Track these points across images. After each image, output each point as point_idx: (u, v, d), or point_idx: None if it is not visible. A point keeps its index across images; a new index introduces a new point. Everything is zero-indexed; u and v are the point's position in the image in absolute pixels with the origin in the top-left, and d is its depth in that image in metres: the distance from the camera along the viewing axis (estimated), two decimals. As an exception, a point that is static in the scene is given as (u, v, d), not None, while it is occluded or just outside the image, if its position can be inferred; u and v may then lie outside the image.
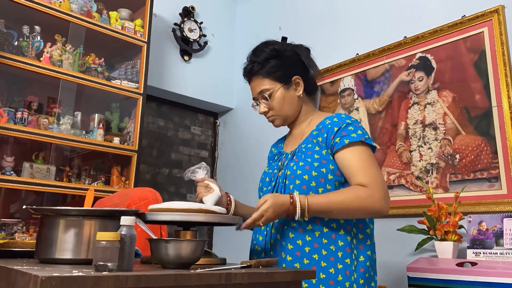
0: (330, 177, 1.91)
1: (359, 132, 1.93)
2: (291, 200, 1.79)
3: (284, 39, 2.23)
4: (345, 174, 1.91)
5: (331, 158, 1.93)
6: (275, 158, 2.21)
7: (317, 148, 1.96)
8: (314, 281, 1.82)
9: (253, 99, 2.17)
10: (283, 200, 1.79)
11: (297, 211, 1.79)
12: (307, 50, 2.21)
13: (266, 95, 2.08)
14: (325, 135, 1.97)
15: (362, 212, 1.86)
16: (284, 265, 1.90)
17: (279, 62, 2.10)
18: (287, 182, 1.96)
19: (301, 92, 2.12)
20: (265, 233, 2.00)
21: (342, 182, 1.94)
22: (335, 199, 1.83)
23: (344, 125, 1.94)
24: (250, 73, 2.14)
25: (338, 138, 1.91)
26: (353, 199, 1.82)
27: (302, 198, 1.80)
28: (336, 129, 1.94)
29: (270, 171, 2.14)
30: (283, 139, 2.32)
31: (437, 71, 3.27)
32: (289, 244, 1.91)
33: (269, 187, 2.07)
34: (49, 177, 3.43)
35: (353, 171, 1.87)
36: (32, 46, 3.43)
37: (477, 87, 3.04)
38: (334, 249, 1.88)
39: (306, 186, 1.91)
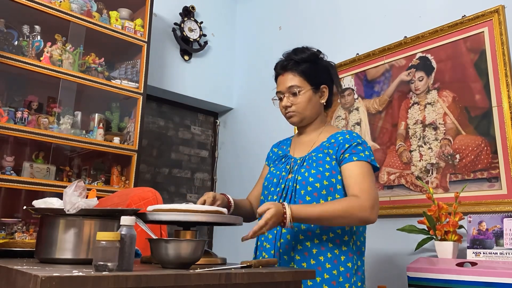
0: (338, 187, 2.08)
1: (367, 153, 2.11)
2: (284, 210, 1.89)
3: (319, 52, 2.35)
4: (345, 184, 2.08)
5: (340, 170, 2.11)
6: (282, 160, 2.31)
7: (327, 159, 2.12)
8: (318, 279, 1.98)
9: (277, 92, 2.28)
10: (282, 209, 1.89)
11: (287, 221, 1.88)
12: (335, 68, 2.38)
13: (296, 91, 2.20)
14: (337, 148, 2.13)
15: (350, 219, 1.98)
16: (292, 263, 2.04)
17: (314, 67, 2.25)
18: (297, 187, 2.10)
19: (324, 101, 2.28)
20: (275, 232, 2.11)
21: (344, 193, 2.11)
22: (326, 208, 1.95)
23: (355, 143, 2.12)
24: (284, 67, 2.26)
25: (348, 154, 2.09)
26: (344, 207, 1.95)
27: (292, 208, 1.91)
28: (347, 145, 2.11)
29: (278, 172, 2.24)
30: (288, 142, 2.43)
31: (437, 71, 3.27)
32: (298, 245, 2.05)
33: (278, 189, 2.17)
34: (49, 176, 3.42)
35: (351, 183, 2.05)
36: (32, 45, 3.43)
37: (477, 87, 3.04)
38: (338, 253, 2.04)
39: (318, 193, 2.06)
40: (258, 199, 2.38)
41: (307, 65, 2.24)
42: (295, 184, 2.11)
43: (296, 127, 2.46)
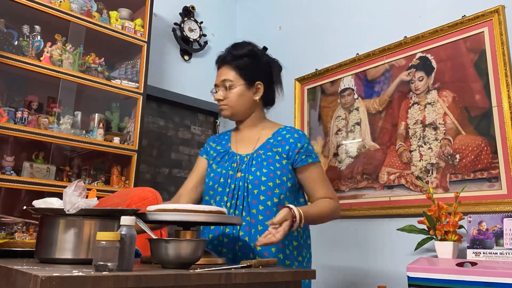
0: (289, 185, 2.17)
1: (315, 152, 2.30)
2: (293, 214, 1.94)
3: (265, 48, 2.40)
4: (308, 186, 2.24)
5: (290, 168, 2.20)
6: (225, 157, 2.30)
7: (277, 157, 2.19)
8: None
9: (215, 85, 2.33)
10: (291, 212, 1.94)
11: (295, 224, 1.94)
12: (280, 68, 2.43)
13: (227, 85, 2.26)
14: (287, 147, 2.21)
15: (333, 218, 2.22)
16: (251, 255, 2.08)
17: (250, 62, 2.29)
18: (250, 187, 2.13)
19: (258, 98, 2.31)
20: (231, 236, 2.13)
21: (295, 190, 2.24)
22: (319, 210, 2.14)
23: (306, 144, 2.24)
24: (222, 61, 2.32)
25: (304, 156, 2.21)
26: (329, 210, 2.17)
27: (300, 212, 1.98)
28: (299, 145, 2.22)
29: (224, 171, 2.23)
30: (227, 137, 2.44)
31: (437, 71, 3.27)
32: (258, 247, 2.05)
33: (228, 189, 2.17)
34: (49, 176, 3.42)
35: (315, 186, 2.22)
36: (32, 45, 3.42)
37: (477, 87, 3.04)
38: (291, 249, 2.14)
39: (271, 192, 2.11)
40: (192, 192, 2.39)
41: (243, 60, 2.28)
42: (246, 184, 2.13)
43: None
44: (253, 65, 2.29)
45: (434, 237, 2.78)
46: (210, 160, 2.38)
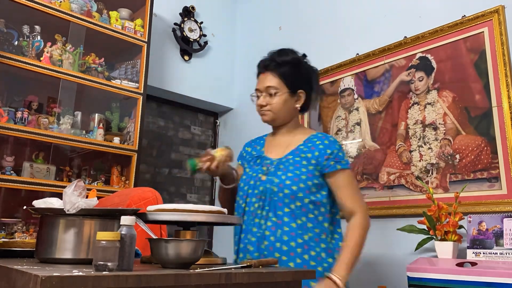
0: (313, 190, 2.18)
1: (346, 159, 2.26)
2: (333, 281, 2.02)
3: (304, 56, 2.41)
4: (337, 193, 2.22)
5: (317, 174, 2.20)
6: (257, 161, 2.35)
7: (304, 163, 2.20)
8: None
9: (256, 90, 2.34)
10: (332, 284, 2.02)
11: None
12: (318, 75, 2.48)
13: (272, 92, 2.27)
14: (316, 153, 2.22)
15: (364, 239, 2.18)
16: (277, 254, 2.11)
17: (295, 71, 2.31)
18: (275, 190, 2.16)
19: (299, 105, 2.33)
20: (258, 234, 2.17)
21: (322, 194, 2.21)
22: (352, 251, 2.12)
23: (336, 151, 2.23)
24: (266, 67, 2.32)
25: (333, 162, 2.20)
26: (360, 236, 2.15)
27: (341, 277, 2.05)
28: (329, 151, 2.22)
29: (254, 174, 2.29)
30: (262, 142, 2.49)
31: (437, 71, 3.26)
32: (283, 246, 2.11)
33: (256, 191, 2.22)
34: (49, 177, 3.42)
35: (344, 194, 2.20)
36: (32, 45, 3.43)
37: (477, 87, 3.04)
38: (318, 250, 2.14)
39: (294, 195, 2.14)
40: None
41: (287, 68, 2.29)
42: (272, 187, 2.17)
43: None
44: (297, 73, 2.31)
45: (434, 237, 2.78)
46: (244, 164, 2.45)
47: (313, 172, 2.19)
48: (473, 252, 2.61)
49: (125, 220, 1.31)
